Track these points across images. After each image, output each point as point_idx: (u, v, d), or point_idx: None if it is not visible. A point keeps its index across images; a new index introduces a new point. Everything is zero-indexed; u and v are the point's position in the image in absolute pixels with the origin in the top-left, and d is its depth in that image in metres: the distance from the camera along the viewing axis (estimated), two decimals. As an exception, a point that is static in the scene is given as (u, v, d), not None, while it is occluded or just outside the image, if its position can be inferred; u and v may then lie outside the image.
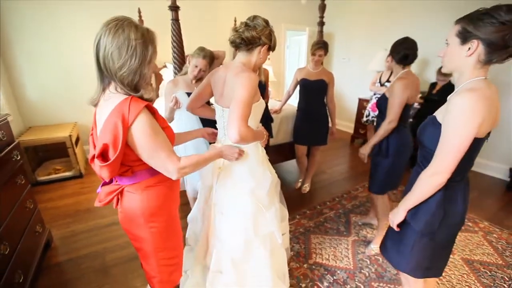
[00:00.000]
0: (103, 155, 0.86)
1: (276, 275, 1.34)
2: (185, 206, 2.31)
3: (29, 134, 2.87)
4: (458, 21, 0.87)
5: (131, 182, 0.95)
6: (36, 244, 1.72)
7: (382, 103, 1.72)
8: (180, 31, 1.93)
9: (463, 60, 0.86)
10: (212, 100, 1.41)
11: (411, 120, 3.60)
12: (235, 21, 4.17)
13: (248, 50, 1.16)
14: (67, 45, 3.13)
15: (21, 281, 1.38)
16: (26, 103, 3.10)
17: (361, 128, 4.25)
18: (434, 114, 0.95)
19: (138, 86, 0.87)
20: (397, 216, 1.04)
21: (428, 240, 1.00)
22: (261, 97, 1.24)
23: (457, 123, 0.82)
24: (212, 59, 1.77)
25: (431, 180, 0.90)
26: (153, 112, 0.89)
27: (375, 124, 3.68)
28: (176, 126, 1.83)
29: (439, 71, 3.13)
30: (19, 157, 1.61)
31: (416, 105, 3.59)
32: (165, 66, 3.62)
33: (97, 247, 1.98)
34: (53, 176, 2.93)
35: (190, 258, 1.50)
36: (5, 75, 2.91)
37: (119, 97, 0.84)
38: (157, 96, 3.57)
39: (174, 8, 1.86)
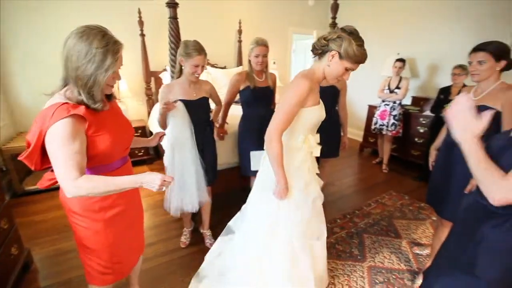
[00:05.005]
0: None
1: None
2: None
3: (18, 140, 2.68)
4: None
5: None
6: (10, 269, 1.52)
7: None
8: (178, 30, 1.75)
9: None
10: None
11: (425, 129, 3.36)
12: (239, 23, 3.99)
13: (319, 56, 1.19)
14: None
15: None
16: (19, 108, 2.93)
17: (371, 137, 4.03)
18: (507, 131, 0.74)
19: (92, 92, 0.88)
20: None
21: None
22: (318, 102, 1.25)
23: None
24: (203, 49, 1.58)
25: None
26: (86, 121, 0.88)
27: (383, 132, 3.49)
28: (170, 133, 1.68)
29: (459, 67, 2.71)
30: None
31: (426, 112, 3.36)
32: (165, 70, 3.45)
33: (83, 271, 1.76)
34: (43, 185, 2.74)
35: None
36: (-4, 79, 2.75)
37: (57, 100, 0.86)
38: (157, 100, 3.40)
39: (173, 5, 1.68)
